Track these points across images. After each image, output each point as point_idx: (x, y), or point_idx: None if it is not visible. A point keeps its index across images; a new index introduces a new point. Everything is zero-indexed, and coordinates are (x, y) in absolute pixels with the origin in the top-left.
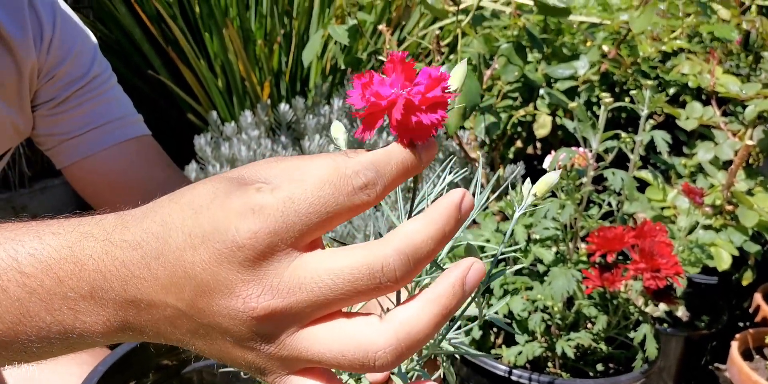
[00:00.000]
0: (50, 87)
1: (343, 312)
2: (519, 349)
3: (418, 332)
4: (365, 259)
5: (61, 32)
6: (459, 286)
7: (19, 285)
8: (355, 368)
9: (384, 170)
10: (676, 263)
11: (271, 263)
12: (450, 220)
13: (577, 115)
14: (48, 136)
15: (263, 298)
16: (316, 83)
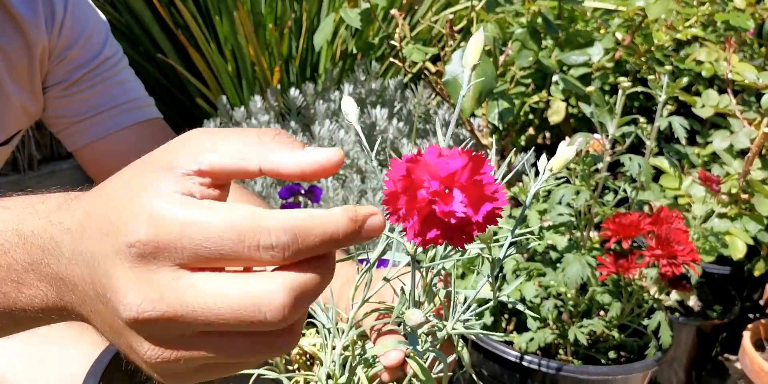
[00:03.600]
0: (61, 69)
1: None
2: (531, 335)
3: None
4: (253, 290)
5: (72, 14)
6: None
7: None
8: (246, 323)
9: (304, 238)
10: (692, 250)
11: (156, 272)
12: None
13: (594, 100)
14: (59, 118)
15: (143, 308)
16: (327, 68)
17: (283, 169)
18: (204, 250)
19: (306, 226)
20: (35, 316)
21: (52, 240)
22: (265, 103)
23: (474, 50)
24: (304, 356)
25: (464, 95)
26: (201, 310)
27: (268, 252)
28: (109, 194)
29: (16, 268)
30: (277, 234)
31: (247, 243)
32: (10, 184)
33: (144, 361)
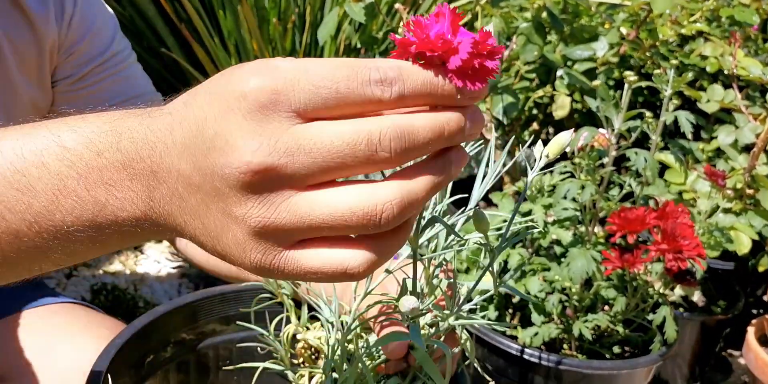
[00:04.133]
0: (70, 63)
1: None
2: (535, 330)
3: (417, 184)
4: (365, 126)
5: (82, 8)
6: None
7: (59, 159)
8: (362, 226)
9: (407, 76)
10: (698, 245)
11: (271, 121)
12: (455, 125)
13: (600, 94)
14: (65, 114)
15: (259, 154)
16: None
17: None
18: (322, 90)
19: (412, 68)
20: (125, 227)
21: (147, 130)
22: None
23: None
24: (309, 350)
25: None
26: (317, 151)
27: (378, 86)
28: (213, 77)
29: (109, 169)
30: (384, 69)
31: (359, 78)
32: None
33: (246, 225)
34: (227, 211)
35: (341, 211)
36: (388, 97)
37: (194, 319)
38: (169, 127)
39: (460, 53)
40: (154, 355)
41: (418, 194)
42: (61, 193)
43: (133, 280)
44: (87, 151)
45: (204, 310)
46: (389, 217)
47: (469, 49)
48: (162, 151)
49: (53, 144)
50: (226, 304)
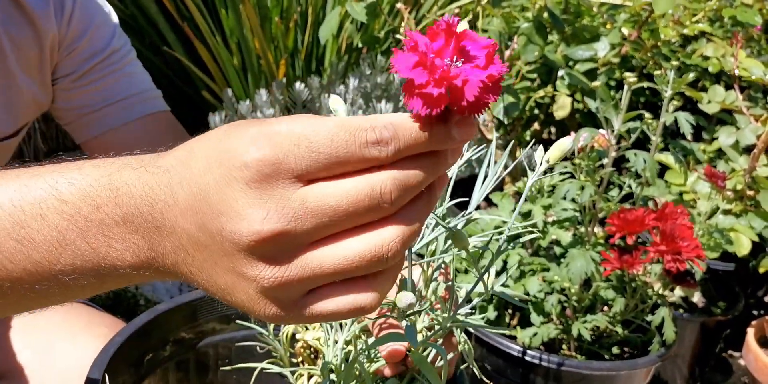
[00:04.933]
0: (70, 60)
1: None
2: (534, 330)
3: (414, 221)
4: (365, 183)
5: (81, 5)
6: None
7: (57, 212)
8: (371, 267)
9: (401, 133)
10: (697, 246)
11: (275, 189)
12: (443, 154)
13: (599, 95)
14: (67, 111)
15: (267, 222)
16: (332, 62)
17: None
18: (322, 156)
19: (406, 124)
20: (124, 273)
21: (146, 186)
22: (270, 96)
23: None
24: (308, 349)
25: None
26: (322, 212)
27: (375, 147)
28: (210, 135)
29: (108, 223)
30: (380, 130)
31: (357, 141)
32: None
33: (258, 285)
34: (237, 271)
35: (350, 259)
36: (386, 156)
37: (194, 318)
38: (168, 186)
39: (467, 93)
40: (153, 354)
41: (415, 227)
42: (60, 245)
43: None
44: (85, 205)
45: (204, 309)
46: (395, 254)
47: (476, 92)
48: (163, 209)
49: (51, 197)
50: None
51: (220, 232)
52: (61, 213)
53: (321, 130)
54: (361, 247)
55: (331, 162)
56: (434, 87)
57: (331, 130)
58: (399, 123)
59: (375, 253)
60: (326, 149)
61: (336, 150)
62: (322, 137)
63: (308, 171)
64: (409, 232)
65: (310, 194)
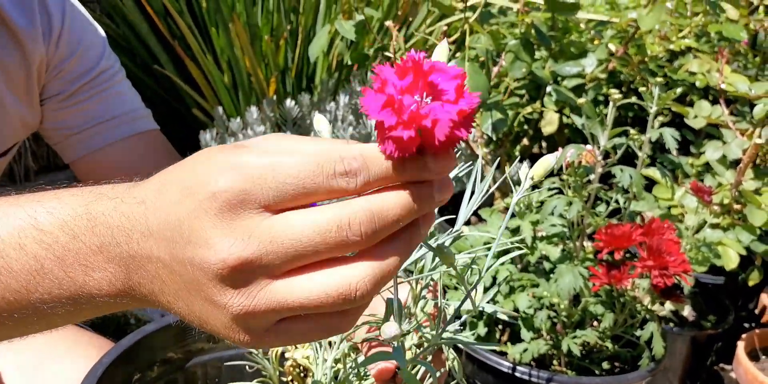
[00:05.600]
0: (59, 81)
1: (314, 263)
2: (524, 346)
3: (388, 260)
4: (334, 214)
5: (70, 25)
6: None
7: (36, 241)
8: (338, 304)
9: (371, 165)
10: (684, 261)
11: (243, 219)
12: (426, 188)
13: (585, 112)
14: (56, 130)
15: (234, 249)
16: (322, 79)
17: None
18: (288, 187)
19: (375, 156)
20: (102, 302)
21: (122, 217)
22: (261, 113)
23: (441, 59)
24: (297, 368)
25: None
26: (289, 242)
27: (343, 178)
28: (183, 164)
29: (85, 252)
30: (348, 160)
31: (325, 172)
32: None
33: (228, 312)
34: (209, 299)
35: (316, 294)
36: (354, 187)
37: (182, 338)
38: (143, 216)
39: (437, 132)
40: (141, 374)
41: (389, 266)
42: (38, 274)
43: None
44: (63, 234)
45: (192, 329)
46: (363, 294)
47: (447, 131)
48: (139, 239)
49: (30, 226)
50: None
51: (191, 260)
52: (39, 242)
53: (289, 161)
54: (328, 283)
55: (299, 193)
56: (404, 129)
57: (299, 161)
58: (369, 154)
59: (342, 291)
60: (293, 180)
61: (303, 181)
62: (289, 167)
63: (275, 201)
64: (381, 271)
65: (276, 224)
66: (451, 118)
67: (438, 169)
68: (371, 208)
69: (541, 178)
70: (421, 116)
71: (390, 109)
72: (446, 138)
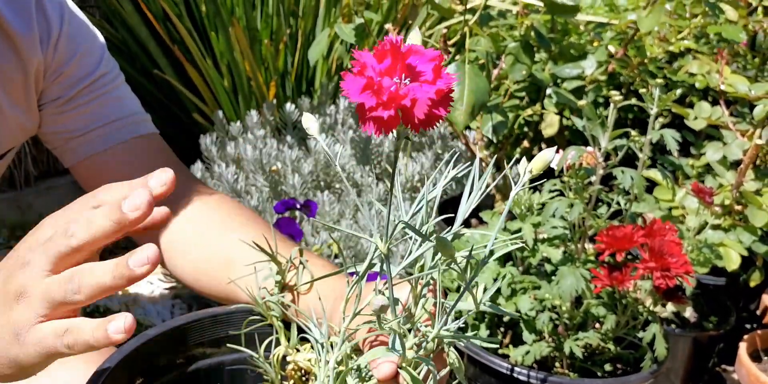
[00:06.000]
0: (57, 85)
1: None
2: (526, 348)
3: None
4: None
5: (68, 31)
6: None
7: None
8: None
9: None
10: (686, 262)
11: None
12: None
13: (586, 114)
14: (55, 135)
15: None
16: (322, 83)
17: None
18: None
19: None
20: None
21: None
22: (261, 117)
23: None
24: (299, 371)
25: (457, 109)
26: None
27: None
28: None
29: None
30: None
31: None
32: (8, 200)
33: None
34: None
35: None
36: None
37: (184, 342)
38: None
39: (416, 111)
40: (143, 379)
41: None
42: None
43: (125, 302)
44: None
45: (194, 333)
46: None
47: (426, 110)
48: None
49: None
50: (216, 327)
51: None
52: None
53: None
54: None
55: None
56: (384, 110)
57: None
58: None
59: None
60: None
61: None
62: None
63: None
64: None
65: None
66: (430, 97)
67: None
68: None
69: (540, 171)
70: (400, 96)
71: (370, 90)
72: (425, 116)
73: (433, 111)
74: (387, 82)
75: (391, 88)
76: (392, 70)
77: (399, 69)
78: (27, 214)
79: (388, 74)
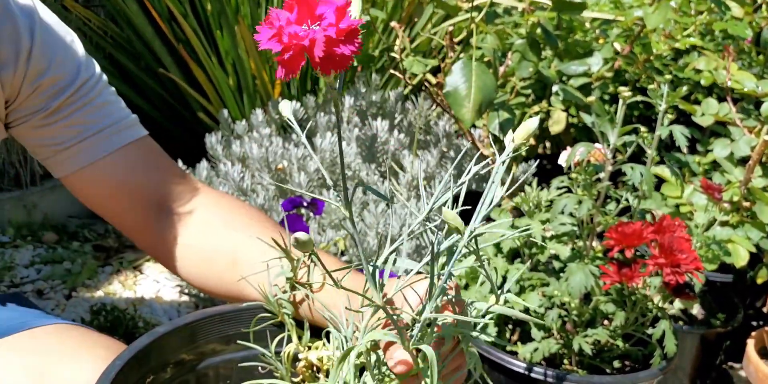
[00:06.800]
0: (37, 97)
1: None
2: (535, 345)
3: None
4: None
5: (41, 41)
6: None
7: None
8: None
9: None
10: (695, 258)
11: None
12: None
13: (595, 110)
14: (43, 147)
15: None
16: (327, 81)
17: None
18: None
19: None
20: None
21: None
22: (266, 115)
23: (355, 10)
24: (310, 369)
25: (464, 106)
26: None
27: None
28: None
29: None
30: None
31: None
32: (14, 199)
33: None
34: None
35: None
36: None
37: (194, 339)
38: None
39: (315, 50)
40: (154, 376)
41: None
42: None
43: (132, 301)
44: None
45: (204, 330)
46: None
47: (323, 47)
48: None
49: None
50: (225, 324)
51: None
52: None
53: None
54: None
55: None
56: (285, 51)
57: None
58: None
59: None
60: None
61: None
62: None
63: None
64: None
65: None
66: (327, 35)
67: None
68: None
69: (523, 141)
70: (300, 37)
71: (276, 38)
72: (325, 53)
73: (333, 48)
74: (293, 28)
75: (296, 33)
76: (301, 19)
77: (308, 18)
78: (33, 213)
79: (297, 23)
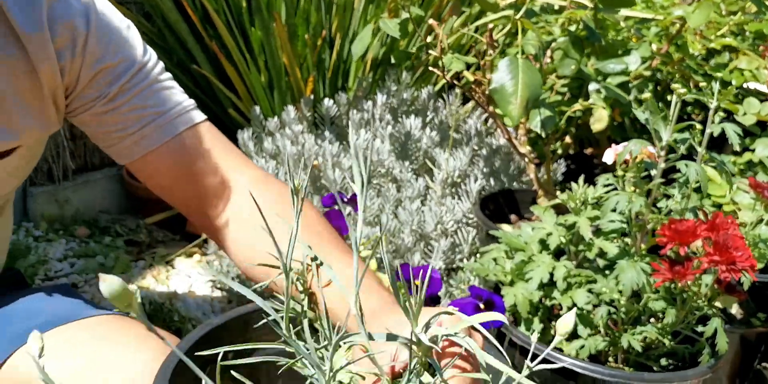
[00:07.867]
0: (96, 84)
1: None
2: (581, 342)
3: None
4: None
5: (96, 28)
6: None
7: None
8: None
9: None
10: (750, 256)
11: None
12: None
13: (648, 107)
14: (106, 134)
15: None
16: (359, 78)
17: None
18: None
19: None
20: None
21: None
22: (298, 112)
23: None
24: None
25: (512, 103)
26: None
27: None
28: None
29: None
30: None
31: None
32: (46, 194)
33: None
34: None
35: None
36: None
37: (245, 331)
38: None
39: None
40: (212, 366)
41: None
42: None
43: (166, 295)
44: None
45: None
46: None
47: None
48: None
49: None
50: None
51: None
52: None
53: None
54: None
55: None
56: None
57: None
58: None
59: None
60: None
61: None
62: None
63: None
64: None
65: None
66: None
67: None
68: None
69: (565, 333)
70: None
71: None
72: None
73: None
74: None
75: None
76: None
77: None
78: (65, 208)
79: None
